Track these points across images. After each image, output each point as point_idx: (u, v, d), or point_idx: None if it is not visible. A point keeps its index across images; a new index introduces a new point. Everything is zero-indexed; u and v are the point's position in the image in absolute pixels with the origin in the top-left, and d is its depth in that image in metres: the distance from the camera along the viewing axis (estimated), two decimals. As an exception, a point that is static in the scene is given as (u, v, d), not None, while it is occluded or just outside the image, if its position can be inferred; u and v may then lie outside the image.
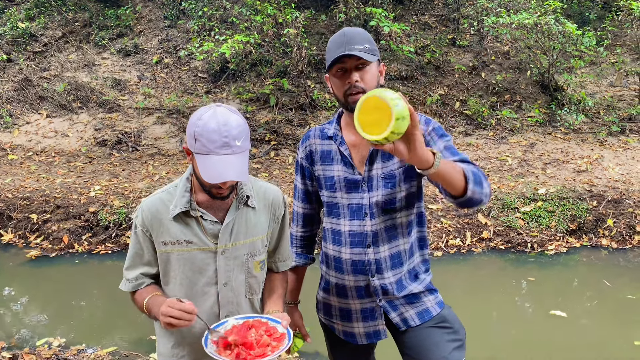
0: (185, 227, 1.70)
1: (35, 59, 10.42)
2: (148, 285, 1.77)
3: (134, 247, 1.76)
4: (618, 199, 6.25)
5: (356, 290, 1.92)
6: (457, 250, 5.67)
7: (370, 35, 1.81)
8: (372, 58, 1.73)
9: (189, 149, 1.60)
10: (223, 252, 1.72)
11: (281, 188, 6.84)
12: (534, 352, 3.89)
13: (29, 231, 6.08)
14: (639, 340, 3.96)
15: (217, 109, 1.57)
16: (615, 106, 8.92)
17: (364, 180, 1.86)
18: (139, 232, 1.73)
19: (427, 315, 1.91)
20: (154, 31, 11.04)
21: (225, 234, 1.71)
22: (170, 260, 1.72)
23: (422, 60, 9.62)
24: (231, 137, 1.53)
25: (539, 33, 8.33)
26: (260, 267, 1.82)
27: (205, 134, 1.52)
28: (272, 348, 1.59)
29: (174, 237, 1.70)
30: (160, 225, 1.70)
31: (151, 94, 9.51)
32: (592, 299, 4.83)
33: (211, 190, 1.64)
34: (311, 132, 2.00)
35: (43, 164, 7.89)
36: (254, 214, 1.78)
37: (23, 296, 5.05)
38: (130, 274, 1.76)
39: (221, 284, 1.74)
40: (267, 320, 1.70)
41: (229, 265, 1.74)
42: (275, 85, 9.08)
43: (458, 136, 8.31)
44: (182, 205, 1.68)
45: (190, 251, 1.71)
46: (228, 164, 1.53)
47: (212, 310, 1.75)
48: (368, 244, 1.87)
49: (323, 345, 2.16)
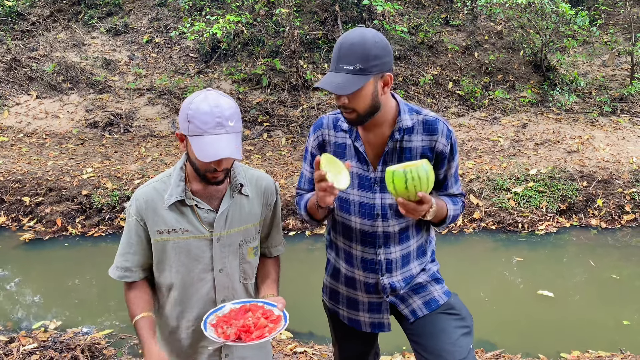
0: (181, 216, 1.72)
1: (24, 39, 10.25)
2: (137, 281, 1.79)
3: (127, 236, 1.78)
4: (608, 179, 6.32)
5: (365, 285, 1.93)
6: (449, 231, 5.74)
7: (374, 45, 1.63)
8: (355, 84, 1.60)
9: (183, 133, 1.63)
10: (218, 240, 1.76)
11: (274, 170, 6.85)
12: (521, 332, 3.99)
13: (21, 214, 6.06)
14: (628, 320, 4.05)
15: (208, 93, 1.62)
16: (607, 86, 8.95)
17: (377, 180, 1.83)
18: (132, 222, 1.75)
19: (435, 304, 1.92)
20: (144, 10, 10.87)
21: (220, 221, 1.75)
22: (166, 249, 1.75)
23: (415, 40, 9.57)
24: (224, 117, 1.58)
25: (532, 12, 8.29)
26: (253, 253, 1.86)
27: (198, 116, 1.56)
28: (270, 330, 1.64)
29: (169, 226, 1.72)
30: (155, 215, 1.72)
31: (142, 74, 9.41)
32: (579, 279, 4.93)
33: (206, 175, 1.66)
34: (324, 121, 1.92)
35: (34, 145, 7.83)
36: (248, 202, 1.81)
37: (18, 279, 5.07)
38: (121, 261, 1.78)
39: (217, 270, 1.77)
40: (263, 304, 1.74)
41: (224, 252, 1.77)
42: (267, 66, 9.01)
43: (451, 117, 8.33)
44: (177, 194, 1.71)
45: (186, 239, 1.73)
46: (222, 142, 1.57)
47: (209, 295, 1.79)
48: (379, 244, 1.87)
49: (317, 326, 2.20)
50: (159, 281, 1.81)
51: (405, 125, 1.79)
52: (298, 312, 3.83)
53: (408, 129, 1.80)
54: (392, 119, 1.81)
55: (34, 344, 3.54)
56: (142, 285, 1.80)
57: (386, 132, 1.81)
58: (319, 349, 3.54)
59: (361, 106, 1.68)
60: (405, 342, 2.02)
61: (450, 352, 1.80)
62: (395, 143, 1.81)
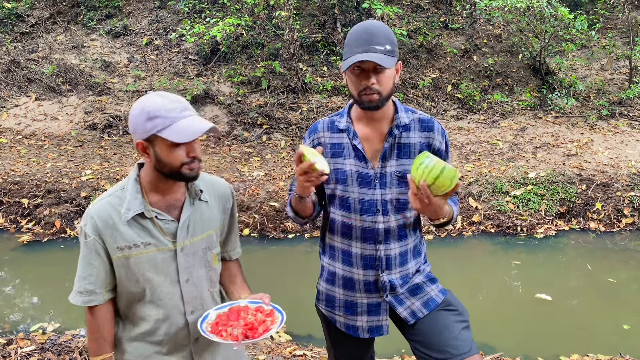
0: (141, 230, 1.66)
1: (23, 41, 10.25)
2: (102, 304, 1.70)
3: (84, 258, 1.70)
4: (607, 183, 6.33)
5: (364, 284, 1.93)
6: (448, 234, 5.74)
7: (391, 32, 1.78)
8: (391, 62, 1.71)
9: (146, 135, 1.57)
10: (182, 250, 1.71)
11: (274, 172, 6.85)
12: (521, 335, 3.98)
13: (20, 216, 6.06)
14: (628, 324, 4.05)
15: (152, 94, 1.61)
16: (606, 90, 8.97)
17: (377, 176, 1.86)
18: (90, 241, 1.67)
19: (433, 304, 1.94)
20: (144, 12, 10.89)
21: (183, 231, 1.71)
22: (129, 265, 1.67)
23: (415, 44, 9.59)
24: (184, 103, 1.60)
25: (531, 16, 8.32)
26: (217, 259, 1.84)
27: (162, 108, 1.55)
28: (272, 321, 1.65)
29: (130, 241, 1.65)
30: (114, 231, 1.65)
31: (141, 77, 9.41)
32: (578, 283, 4.92)
33: (182, 171, 1.61)
34: (319, 125, 1.97)
35: (33, 147, 7.83)
36: (207, 208, 1.78)
37: (16, 281, 5.06)
38: (83, 285, 1.69)
39: (183, 281, 1.73)
40: (246, 304, 1.74)
41: (189, 262, 1.73)
42: (266, 68, 9.02)
43: (450, 120, 8.34)
44: (136, 207, 1.64)
45: (149, 253, 1.67)
46: (196, 121, 1.58)
47: (177, 308, 1.74)
48: (380, 240, 1.89)
49: (316, 329, 2.19)
50: (123, 299, 1.73)
51: (403, 122, 1.87)
52: (297, 315, 3.82)
53: (405, 125, 1.88)
54: (391, 117, 1.89)
55: (32, 346, 3.52)
56: (108, 309, 1.72)
57: (384, 129, 1.88)
58: (318, 352, 3.53)
59: (386, 87, 1.75)
60: (403, 345, 2.02)
61: (455, 346, 1.83)
62: (394, 139, 1.87)
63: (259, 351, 3.51)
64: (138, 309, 1.73)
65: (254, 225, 5.86)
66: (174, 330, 1.74)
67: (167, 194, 1.70)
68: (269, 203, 6.06)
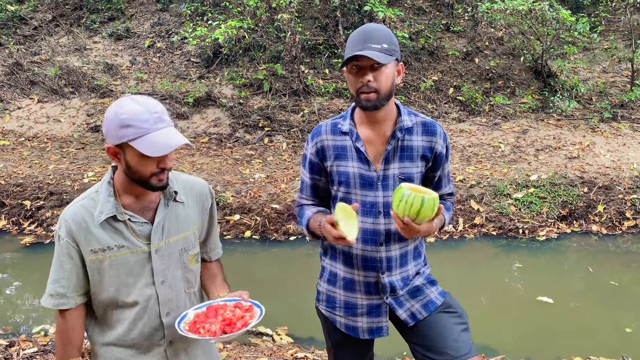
0: (115, 232, 1.66)
1: (26, 43, 10.29)
2: (73, 308, 1.69)
3: (58, 261, 1.69)
4: (609, 185, 6.32)
5: (365, 285, 1.94)
6: (450, 237, 5.73)
7: (392, 33, 1.80)
8: (386, 59, 1.72)
9: (118, 142, 1.56)
10: (157, 251, 1.71)
11: (275, 174, 6.86)
12: (522, 338, 3.98)
13: (22, 218, 6.07)
14: (630, 327, 4.04)
15: (129, 97, 1.58)
16: (608, 92, 8.97)
17: (379, 179, 1.88)
18: (63, 244, 1.66)
19: (433, 306, 1.95)
20: (146, 15, 10.92)
21: (157, 233, 1.70)
22: (102, 268, 1.67)
23: (416, 46, 9.60)
24: (160, 112, 1.57)
25: (533, 19, 8.32)
26: (195, 260, 1.83)
27: (135, 117, 1.53)
28: (250, 316, 1.67)
29: (103, 244, 1.65)
30: (87, 234, 1.65)
31: (144, 79, 9.43)
32: (580, 285, 4.92)
33: (150, 181, 1.61)
34: (322, 128, 1.97)
35: (35, 149, 7.85)
36: (184, 208, 1.77)
37: (18, 283, 5.07)
38: (54, 288, 1.68)
39: (159, 283, 1.72)
40: (224, 302, 1.74)
41: (165, 264, 1.73)
42: (268, 71, 9.04)
43: (452, 122, 8.34)
44: (108, 210, 1.64)
45: (123, 255, 1.67)
46: (170, 134, 1.56)
47: (153, 309, 1.73)
48: (381, 242, 1.90)
49: (318, 331, 2.20)
50: (98, 302, 1.72)
51: (406, 125, 1.89)
52: (298, 317, 3.83)
53: (408, 128, 1.90)
54: (394, 119, 1.90)
55: (34, 348, 3.53)
56: (78, 314, 1.71)
57: (387, 132, 1.89)
58: (319, 354, 3.53)
59: (383, 86, 1.77)
60: (404, 348, 2.02)
61: (454, 348, 1.84)
62: (397, 142, 1.88)
63: (261, 354, 3.51)
64: (113, 311, 1.72)
65: (255, 228, 5.87)
66: (148, 331, 1.73)
67: (140, 197, 1.70)
68: (270, 205, 6.07)
